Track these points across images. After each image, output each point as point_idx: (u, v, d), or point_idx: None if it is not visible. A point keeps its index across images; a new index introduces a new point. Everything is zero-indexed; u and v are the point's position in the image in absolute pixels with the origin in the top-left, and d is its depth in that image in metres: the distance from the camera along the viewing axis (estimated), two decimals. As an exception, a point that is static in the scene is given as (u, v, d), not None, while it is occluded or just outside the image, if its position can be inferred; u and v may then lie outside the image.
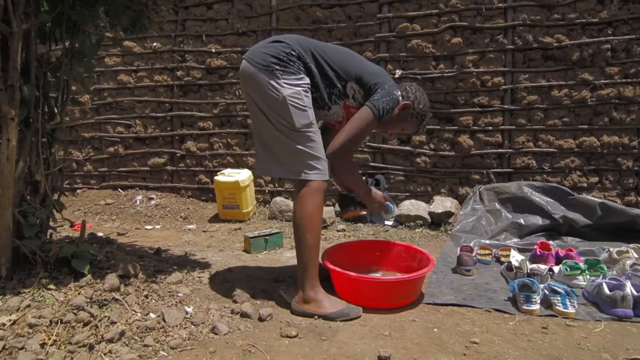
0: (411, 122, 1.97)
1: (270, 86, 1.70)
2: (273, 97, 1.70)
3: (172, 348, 1.47)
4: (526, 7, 3.44)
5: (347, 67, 1.82)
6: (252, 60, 1.74)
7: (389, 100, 1.80)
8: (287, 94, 1.69)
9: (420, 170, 3.76)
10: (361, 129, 1.79)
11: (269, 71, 1.70)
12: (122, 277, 1.82)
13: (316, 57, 1.79)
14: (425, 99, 1.96)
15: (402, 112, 1.92)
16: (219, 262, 2.50)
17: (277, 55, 1.71)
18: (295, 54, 1.74)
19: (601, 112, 3.35)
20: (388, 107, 1.80)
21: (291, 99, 1.69)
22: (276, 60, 1.70)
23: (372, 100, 1.79)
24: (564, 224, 2.96)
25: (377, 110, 1.77)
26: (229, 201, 3.81)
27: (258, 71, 1.71)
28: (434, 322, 1.72)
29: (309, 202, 1.75)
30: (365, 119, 1.78)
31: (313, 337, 1.58)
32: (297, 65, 1.74)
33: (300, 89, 1.72)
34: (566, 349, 1.50)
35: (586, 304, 1.88)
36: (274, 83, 1.69)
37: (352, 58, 1.88)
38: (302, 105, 1.71)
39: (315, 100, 1.86)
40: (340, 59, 1.83)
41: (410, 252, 2.19)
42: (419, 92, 1.96)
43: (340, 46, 2.00)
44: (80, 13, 1.84)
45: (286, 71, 1.70)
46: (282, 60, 1.71)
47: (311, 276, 1.78)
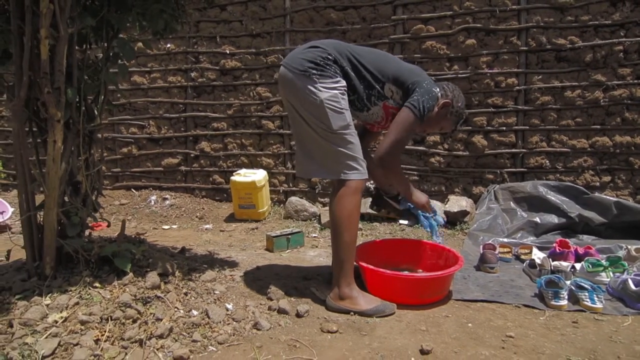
0: (449, 121, 1.99)
1: (308, 90, 1.74)
2: (311, 101, 1.75)
3: (220, 343, 1.52)
4: (540, 9, 3.50)
5: (383, 68, 1.86)
6: (290, 66, 1.79)
7: (429, 98, 1.82)
8: (324, 97, 1.73)
9: (435, 170, 3.81)
10: (405, 130, 1.81)
11: (306, 76, 1.74)
12: (161, 275, 1.86)
13: (352, 61, 1.83)
14: (462, 98, 1.99)
15: (442, 110, 1.94)
16: (245, 261, 2.54)
17: (314, 60, 1.76)
18: (331, 58, 1.78)
19: (613, 112, 3.41)
20: (428, 106, 1.82)
21: (328, 102, 1.74)
22: (313, 65, 1.75)
23: (412, 100, 1.81)
24: (580, 223, 3.02)
25: (418, 110, 1.80)
26: (245, 201, 3.85)
27: (296, 76, 1.76)
28: (467, 317, 1.77)
29: (347, 202, 1.79)
30: (407, 120, 1.81)
31: (353, 333, 1.63)
32: (334, 69, 1.78)
33: (337, 92, 1.76)
34: (599, 342, 1.56)
35: (611, 300, 1.93)
36: (312, 87, 1.74)
37: (387, 59, 1.92)
38: (340, 108, 1.76)
39: (353, 102, 1.90)
40: (376, 61, 1.87)
41: (436, 251, 2.24)
42: (456, 90, 1.99)
43: (374, 49, 2.04)
44: (119, 17, 1.89)
45: (323, 75, 1.75)
46: (319, 65, 1.75)
47: (347, 274, 1.82)
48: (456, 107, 1.96)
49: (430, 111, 1.85)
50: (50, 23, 1.62)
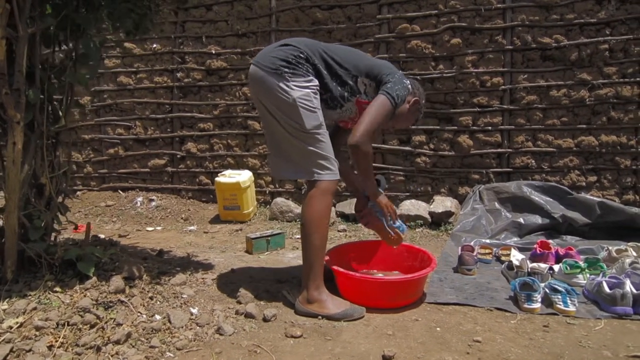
0: (414, 117, 2.04)
1: (280, 89, 1.72)
2: (283, 100, 1.72)
3: (179, 349, 1.49)
4: (525, 8, 3.47)
5: (356, 63, 1.86)
6: (261, 64, 1.76)
7: (401, 88, 1.83)
8: (297, 96, 1.71)
9: (420, 170, 3.78)
10: (379, 115, 1.77)
11: (278, 74, 1.72)
12: (126, 279, 1.83)
13: (325, 58, 1.82)
14: (424, 95, 2.05)
15: (412, 107, 1.97)
16: (222, 264, 2.51)
17: (286, 59, 1.73)
18: (303, 57, 1.76)
19: (599, 111, 3.38)
20: (401, 94, 1.82)
21: (301, 101, 1.71)
22: (285, 64, 1.73)
23: (386, 88, 1.80)
24: (564, 223, 2.99)
25: (393, 97, 1.78)
26: (230, 202, 3.82)
27: (267, 75, 1.73)
28: (437, 321, 1.74)
29: (317, 203, 1.77)
30: (381, 105, 1.78)
31: (317, 337, 1.60)
32: (306, 67, 1.76)
33: (309, 91, 1.74)
34: (567, 346, 1.52)
35: (586, 302, 1.90)
36: (284, 86, 1.71)
37: (359, 55, 1.93)
38: (312, 107, 1.74)
39: (326, 101, 1.88)
40: (349, 56, 1.87)
41: (412, 252, 2.21)
42: (420, 88, 2.03)
43: (347, 46, 2.04)
44: (85, 17, 1.86)
45: (295, 74, 1.73)
46: (291, 63, 1.73)
47: (316, 277, 1.79)
48: (421, 104, 2.00)
49: (402, 101, 1.85)
50: (9, 23, 1.60)
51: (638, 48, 3.26)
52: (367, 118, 1.75)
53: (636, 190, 3.34)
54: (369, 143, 1.77)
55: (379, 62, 1.92)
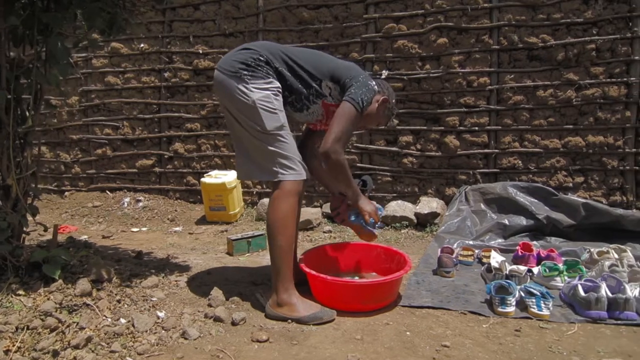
0: (386, 117, 2.01)
1: (239, 91, 1.71)
2: (243, 102, 1.72)
3: (139, 354, 1.46)
4: (511, 7, 3.44)
5: (319, 66, 1.83)
6: (222, 68, 1.77)
7: (366, 91, 1.80)
8: (256, 97, 1.70)
9: (408, 171, 3.75)
10: (346, 123, 1.75)
11: (237, 77, 1.72)
12: (95, 281, 1.81)
13: (287, 61, 1.81)
14: (394, 94, 2.02)
15: (382, 106, 1.94)
16: (200, 265, 2.49)
17: (245, 61, 1.74)
18: (263, 59, 1.76)
19: (586, 112, 3.35)
20: (366, 98, 1.80)
21: (261, 103, 1.70)
22: (244, 66, 1.73)
23: (350, 94, 1.78)
24: (548, 225, 2.96)
25: (357, 103, 1.76)
26: (215, 203, 3.79)
27: (228, 78, 1.74)
28: (408, 325, 1.71)
29: (280, 205, 1.75)
30: (348, 113, 1.76)
31: (284, 342, 1.57)
32: (266, 69, 1.75)
33: (269, 92, 1.73)
34: (537, 352, 1.49)
35: (562, 306, 1.87)
36: (243, 88, 1.71)
37: (322, 57, 1.91)
38: (272, 108, 1.72)
39: (292, 103, 1.87)
40: (311, 59, 1.85)
41: (389, 254, 2.18)
42: (390, 88, 2.01)
43: (309, 49, 2.02)
44: (52, 16, 1.83)
45: (255, 76, 1.72)
46: (250, 66, 1.73)
47: (284, 279, 1.77)
48: (392, 104, 1.98)
49: (369, 104, 1.83)
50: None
51: (625, 48, 3.23)
52: (334, 127, 1.73)
53: (623, 191, 3.31)
54: (340, 151, 1.75)
55: (343, 64, 1.88)
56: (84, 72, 4.52)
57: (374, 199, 3.77)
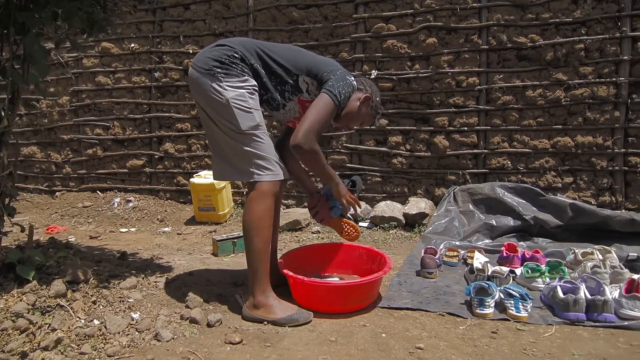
0: (369, 115, 1.96)
1: (213, 90, 1.68)
2: (217, 101, 1.69)
3: (110, 356, 1.45)
4: (500, 7, 3.42)
5: (296, 61, 1.80)
6: (196, 65, 1.74)
7: (344, 85, 1.77)
8: (230, 96, 1.67)
9: (397, 171, 3.74)
10: (321, 114, 1.71)
11: (211, 75, 1.69)
12: (70, 282, 1.80)
13: (262, 57, 1.77)
14: (378, 92, 1.98)
15: (363, 105, 1.90)
16: (182, 266, 2.47)
17: (219, 59, 1.70)
18: (238, 56, 1.72)
19: (575, 112, 3.34)
20: (344, 92, 1.76)
21: (235, 102, 1.67)
22: (218, 64, 1.69)
23: (328, 86, 1.74)
24: (535, 225, 2.94)
25: (334, 95, 1.73)
26: (204, 203, 3.78)
27: (201, 76, 1.70)
28: (384, 326, 1.70)
29: (256, 206, 1.73)
30: (323, 105, 1.72)
31: (257, 344, 1.56)
32: (241, 67, 1.72)
33: (244, 91, 1.70)
34: (511, 354, 1.48)
35: (542, 308, 1.86)
36: (217, 86, 1.68)
37: (300, 52, 1.87)
38: (247, 107, 1.69)
39: (268, 102, 1.85)
40: (289, 55, 1.82)
41: (370, 255, 2.17)
42: (373, 86, 1.97)
43: (288, 44, 1.98)
44: (28, 15, 1.81)
45: (229, 74, 1.69)
46: (224, 63, 1.69)
47: (261, 281, 1.75)
48: (375, 102, 1.93)
49: (347, 98, 1.79)
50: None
51: (614, 48, 3.22)
52: (308, 117, 1.69)
53: (612, 191, 3.29)
54: (312, 143, 1.69)
55: (321, 59, 1.86)
56: (75, 72, 4.51)
57: (363, 200, 3.77)
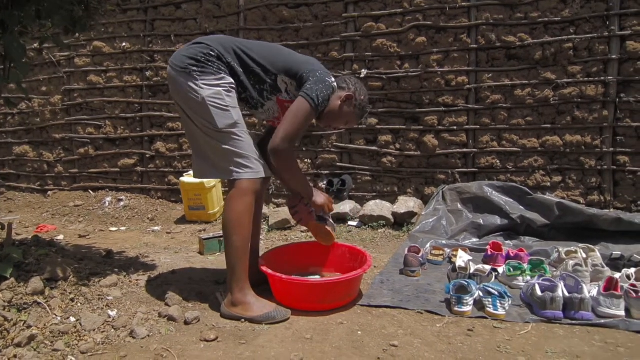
0: (354, 115, 1.92)
1: (189, 88, 1.68)
2: (193, 99, 1.69)
3: (82, 353, 1.45)
4: (489, 6, 3.42)
5: (274, 60, 1.78)
6: (173, 64, 1.74)
7: (323, 87, 1.74)
8: (206, 94, 1.67)
9: (387, 171, 3.74)
10: (298, 120, 1.70)
11: (186, 73, 1.69)
12: (49, 280, 1.80)
13: (239, 55, 1.76)
14: (364, 91, 1.92)
15: (345, 104, 1.87)
16: (167, 265, 2.48)
17: (195, 57, 1.69)
18: (214, 54, 1.72)
19: (564, 111, 3.33)
20: (322, 95, 1.73)
21: (211, 100, 1.67)
22: (193, 62, 1.69)
23: (305, 90, 1.72)
24: (522, 224, 2.94)
25: (312, 99, 1.71)
26: (194, 202, 3.78)
27: (177, 74, 1.71)
28: (362, 324, 1.70)
29: (236, 204, 1.73)
30: (301, 110, 1.71)
31: (232, 341, 1.56)
32: (217, 65, 1.71)
33: (220, 89, 1.69)
34: (484, 352, 1.48)
35: (521, 306, 1.86)
36: (193, 85, 1.68)
37: (279, 51, 1.85)
38: (224, 106, 1.69)
39: (246, 100, 1.85)
40: (267, 53, 1.80)
41: (353, 253, 2.17)
42: (359, 83, 1.92)
43: (268, 42, 1.97)
44: (7, 13, 1.82)
45: (204, 72, 1.68)
46: (200, 62, 1.69)
47: (239, 279, 1.75)
48: (359, 100, 1.89)
49: (326, 101, 1.77)
50: None
51: (602, 47, 3.21)
52: (286, 122, 1.69)
53: (601, 190, 3.29)
54: (289, 147, 1.70)
55: (301, 59, 1.83)
56: (67, 71, 4.52)
57: (353, 199, 3.77)
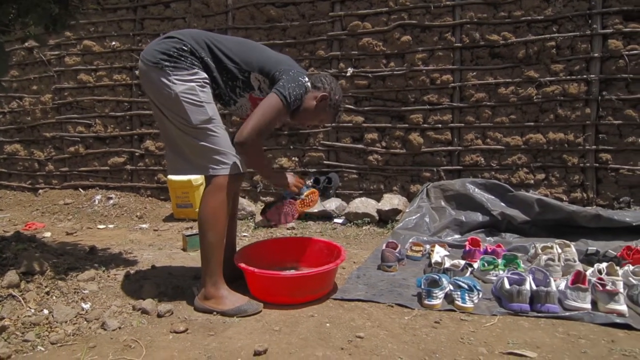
0: (328, 113, 1.94)
1: (162, 84, 1.68)
2: (166, 95, 1.69)
3: (52, 343, 1.48)
4: (473, 5, 3.45)
5: (247, 58, 1.79)
6: (144, 58, 1.73)
7: (296, 86, 1.75)
8: (179, 90, 1.67)
9: (373, 168, 3.77)
10: (268, 115, 1.70)
11: (159, 68, 1.68)
12: (25, 274, 1.82)
13: (213, 50, 1.77)
14: (339, 90, 1.94)
15: (320, 103, 1.88)
16: (148, 260, 2.50)
17: (167, 52, 1.69)
18: (187, 49, 1.72)
19: (547, 109, 3.36)
20: (295, 93, 1.74)
21: (184, 95, 1.68)
22: (166, 57, 1.69)
23: (278, 87, 1.73)
24: (503, 221, 2.97)
25: (284, 96, 1.71)
26: (182, 200, 3.81)
27: (149, 69, 1.70)
28: (332, 317, 1.73)
29: (212, 200, 1.75)
30: (272, 106, 1.71)
31: (201, 333, 1.59)
32: (190, 60, 1.71)
33: (194, 84, 1.70)
34: (447, 342, 1.51)
35: (491, 299, 1.89)
36: (165, 80, 1.68)
37: (253, 48, 1.85)
38: (198, 101, 1.70)
39: (220, 96, 1.86)
40: (240, 50, 1.80)
41: (330, 248, 2.19)
42: (334, 82, 1.93)
43: (242, 38, 1.97)
44: (-15, 11, 1.85)
45: (177, 67, 1.68)
46: (172, 56, 1.69)
47: (213, 273, 1.77)
48: (334, 100, 1.90)
49: (298, 99, 1.78)
50: None
51: (584, 45, 3.24)
52: (255, 116, 1.68)
53: (584, 188, 3.32)
54: (256, 141, 1.70)
55: (275, 57, 1.83)
56: (57, 70, 4.55)
57: (340, 196, 3.79)
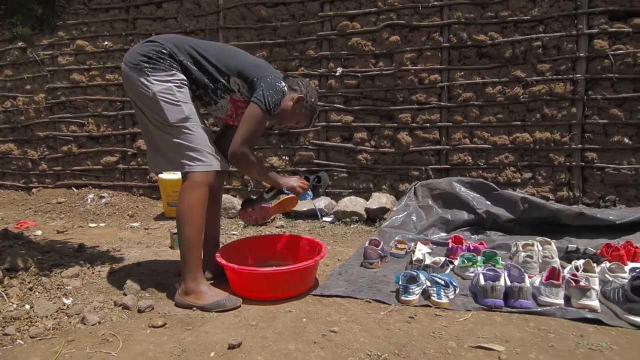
0: (305, 115, 2.00)
1: (141, 84, 1.76)
2: (145, 95, 1.76)
3: (32, 337, 1.51)
4: (461, 6, 3.48)
5: (227, 63, 1.86)
6: (127, 61, 1.81)
7: (274, 92, 1.82)
8: (157, 90, 1.74)
9: (363, 168, 3.80)
10: (254, 126, 1.81)
11: (138, 69, 1.76)
12: (9, 270, 1.86)
13: (194, 55, 1.84)
14: (315, 93, 2.01)
15: (297, 105, 1.95)
16: (134, 258, 2.53)
17: (147, 54, 1.77)
18: (166, 52, 1.79)
19: (534, 108, 3.39)
20: (274, 100, 1.81)
21: (162, 95, 1.74)
22: (146, 59, 1.77)
23: (257, 96, 1.80)
24: (488, 219, 3.00)
25: (264, 104, 1.79)
26: (173, 199, 3.84)
27: (130, 71, 1.79)
28: (309, 312, 1.76)
29: (188, 196, 1.79)
30: (254, 116, 1.80)
31: (179, 327, 1.62)
32: (169, 62, 1.79)
33: (171, 85, 1.76)
34: (418, 337, 1.54)
35: (467, 295, 1.92)
36: (144, 80, 1.75)
37: (234, 54, 1.92)
38: (175, 101, 1.76)
39: (200, 97, 1.92)
40: (221, 55, 1.87)
41: (312, 245, 2.22)
42: (310, 86, 2.01)
43: (223, 44, 2.05)
44: (-31, 12, 1.88)
45: (156, 68, 1.76)
46: (152, 59, 1.77)
47: (192, 268, 1.81)
48: (310, 103, 1.97)
49: (278, 105, 1.85)
50: None
51: (571, 45, 3.27)
52: (242, 129, 1.79)
53: (570, 187, 3.35)
54: (248, 153, 1.81)
55: (252, 63, 1.90)
56: (51, 69, 4.58)
57: (330, 195, 3.82)
